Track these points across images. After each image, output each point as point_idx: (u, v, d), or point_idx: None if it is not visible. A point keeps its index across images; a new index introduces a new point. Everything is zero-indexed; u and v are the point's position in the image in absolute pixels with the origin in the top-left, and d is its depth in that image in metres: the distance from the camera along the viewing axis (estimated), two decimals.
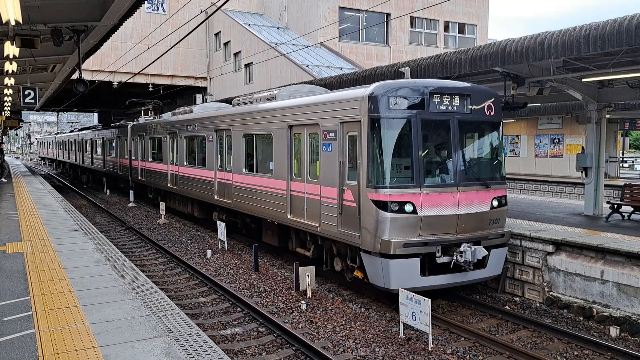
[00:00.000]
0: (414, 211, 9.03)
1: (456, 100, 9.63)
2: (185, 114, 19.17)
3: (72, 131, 48.32)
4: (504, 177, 10.39)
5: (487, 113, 10.01)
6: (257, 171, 13.53)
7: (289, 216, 11.77)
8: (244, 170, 14.15)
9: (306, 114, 11.10)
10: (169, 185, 20.47)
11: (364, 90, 9.44)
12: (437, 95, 9.44)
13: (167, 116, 21.18)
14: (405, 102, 9.20)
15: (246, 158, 14.15)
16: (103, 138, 32.00)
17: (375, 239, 9.02)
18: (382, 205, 8.96)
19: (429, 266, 9.30)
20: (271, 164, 12.60)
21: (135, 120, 27.94)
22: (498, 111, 10.16)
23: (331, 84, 16.51)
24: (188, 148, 18.60)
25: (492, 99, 10.09)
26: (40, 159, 76.74)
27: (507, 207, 10.31)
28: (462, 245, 9.16)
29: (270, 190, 12.53)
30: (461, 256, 9.09)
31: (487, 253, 9.53)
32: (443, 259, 9.33)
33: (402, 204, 8.99)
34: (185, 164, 18.67)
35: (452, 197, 9.36)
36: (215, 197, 15.94)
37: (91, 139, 35.35)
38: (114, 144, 29.39)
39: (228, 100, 23.23)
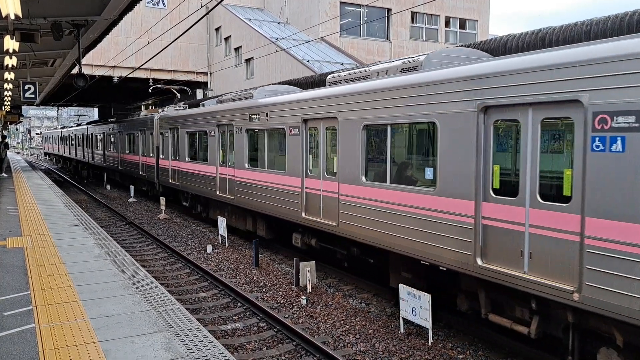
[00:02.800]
0: None
1: None
2: (243, 101, 14.71)
3: (79, 124, 43.47)
4: None
5: None
6: (395, 181, 8.88)
7: (479, 262, 7.14)
8: (364, 179, 9.52)
9: (534, 84, 6.40)
10: (218, 192, 15.88)
11: None
12: None
13: (210, 104, 17.48)
14: None
15: (368, 162, 9.61)
16: (119, 132, 27.99)
17: None
18: None
19: None
20: (429, 171, 8.20)
21: (162, 110, 24.45)
22: None
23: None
24: (251, 145, 14.11)
25: None
26: (44, 154, 72.74)
27: None
28: None
29: (428, 214, 8.02)
30: None
31: None
32: None
33: None
34: (246, 166, 14.17)
35: None
36: (303, 214, 11.44)
37: (104, 133, 31.51)
38: (133, 140, 25.37)
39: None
